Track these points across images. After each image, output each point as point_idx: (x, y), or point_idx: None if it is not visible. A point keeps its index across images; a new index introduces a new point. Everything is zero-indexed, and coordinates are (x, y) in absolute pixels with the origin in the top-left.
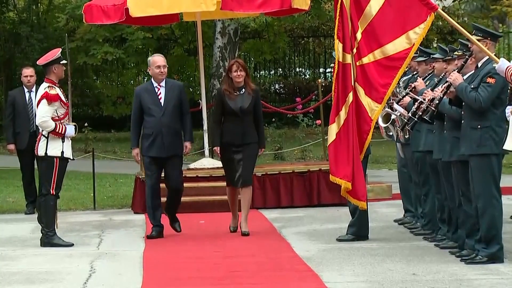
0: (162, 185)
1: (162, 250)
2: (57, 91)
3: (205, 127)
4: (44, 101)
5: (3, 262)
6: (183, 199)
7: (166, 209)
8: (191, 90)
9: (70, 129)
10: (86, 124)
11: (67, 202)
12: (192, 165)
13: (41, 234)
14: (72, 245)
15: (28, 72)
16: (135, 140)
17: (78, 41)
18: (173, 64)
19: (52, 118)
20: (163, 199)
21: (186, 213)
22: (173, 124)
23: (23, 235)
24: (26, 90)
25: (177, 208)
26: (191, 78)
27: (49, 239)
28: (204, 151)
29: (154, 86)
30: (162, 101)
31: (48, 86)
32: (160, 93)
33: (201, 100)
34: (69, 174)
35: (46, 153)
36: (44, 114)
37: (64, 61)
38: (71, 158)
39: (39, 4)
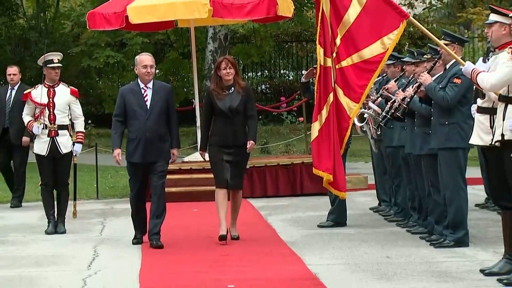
0: None
1: None
2: (35, 91)
3: (198, 123)
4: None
5: (13, 247)
6: (178, 189)
7: (149, 223)
8: (185, 90)
9: (35, 129)
10: (89, 121)
11: (72, 192)
12: (186, 159)
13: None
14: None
15: (11, 70)
16: (117, 140)
17: (82, 45)
18: (169, 66)
19: (35, 116)
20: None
21: (181, 202)
22: (158, 129)
23: (31, 222)
24: (9, 87)
25: (159, 221)
26: (185, 79)
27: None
28: (197, 145)
29: (141, 87)
30: (148, 103)
31: (34, 86)
32: (146, 95)
33: (194, 100)
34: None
35: None
36: (23, 111)
37: (52, 65)
38: (41, 154)
39: (46, 12)
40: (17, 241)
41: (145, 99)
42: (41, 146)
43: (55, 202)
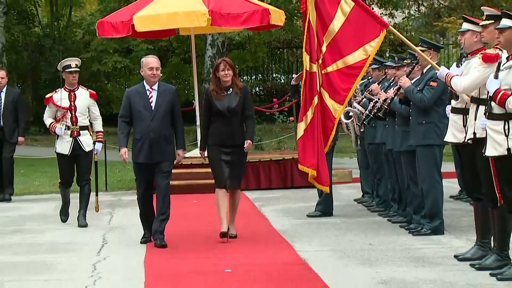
0: None
1: None
2: (57, 95)
3: (198, 122)
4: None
5: (30, 234)
6: (179, 182)
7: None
8: (186, 92)
9: (58, 130)
10: None
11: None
12: (187, 154)
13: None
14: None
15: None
16: (123, 140)
17: (92, 51)
18: (171, 70)
19: (56, 119)
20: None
21: (182, 194)
22: (162, 130)
23: (47, 212)
24: None
25: (163, 220)
26: (186, 82)
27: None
28: (197, 142)
29: (146, 89)
30: (153, 105)
31: (55, 90)
32: (151, 96)
33: (194, 101)
34: None
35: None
36: (45, 113)
37: (70, 69)
38: (64, 153)
39: (60, 21)
40: (33, 230)
41: (150, 100)
42: (63, 146)
43: (79, 196)
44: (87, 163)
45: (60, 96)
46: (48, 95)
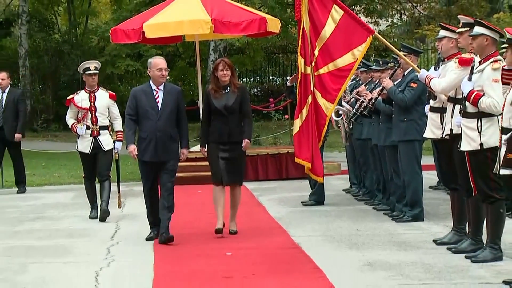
0: None
1: None
2: (77, 97)
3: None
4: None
5: (50, 221)
6: (185, 174)
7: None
8: (191, 92)
9: (79, 130)
10: None
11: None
12: (192, 149)
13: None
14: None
15: (1, 76)
16: (131, 137)
17: (106, 56)
18: (178, 73)
19: (78, 119)
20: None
21: (187, 185)
22: (168, 129)
23: (65, 201)
24: (0, 91)
25: (167, 218)
26: (191, 84)
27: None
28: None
29: (153, 88)
30: (159, 104)
31: (76, 92)
32: (158, 96)
33: (198, 100)
34: None
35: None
36: (67, 114)
37: (89, 72)
38: (85, 151)
39: (77, 28)
40: (53, 217)
41: (157, 100)
42: (84, 145)
43: (97, 191)
44: (106, 161)
45: (80, 98)
46: (69, 97)
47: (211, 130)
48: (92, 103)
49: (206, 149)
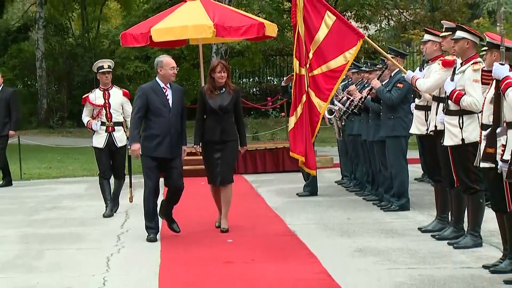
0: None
1: None
2: (92, 95)
3: None
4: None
5: (64, 210)
6: (189, 167)
7: (163, 211)
8: (195, 92)
9: (94, 125)
10: None
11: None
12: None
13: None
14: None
15: None
16: (137, 137)
17: (117, 58)
18: (182, 74)
19: (93, 116)
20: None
21: (190, 177)
22: (178, 126)
23: (79, 192)
24: None
25: (172, 208)
26: (195, 84)
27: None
28: None
29: (161, 86)
30: (170, 102)
31: (91, 91)
32: (167, 94)
33: None
34: None
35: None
36: (83, 113)
37: (102, 70)
38: (99, 146)
39: (90, 33)
40: (68, 207)
41: (167, 98)
42: (99, 140)
43: (111, 189)
44: (121, 159)
45: (95, 96)
46: (84, 96)
47: (205, 129)
48: (106, 100)
49: (200, 147)
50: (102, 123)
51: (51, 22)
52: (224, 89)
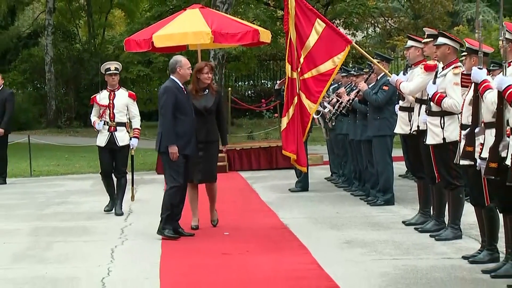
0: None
1: None
2: (99, 96)
3: None
4: None
5: (72, 205)
6: None
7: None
8: None
9: (97, 125)
10: None
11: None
12: None
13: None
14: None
15: None
16: (174, 136)
17: (121, 62)
18: None
19: (99, 117)
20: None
21: None
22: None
23: (86, 188)
24: None
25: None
26: None
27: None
28: None
29: (181, 86)
30: (189, 101)
31: (100, 91)
32: (186, 93)
33: None
34: None
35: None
36: (91, 113)
37: (109, 72)
38: (101, 145)
39: (95, 39)
40: (75, 202)
41: (188, 97)
42: (101, 139)
43: (115, 187)
44: (122, 158)
45: (101, 96)
46: (93, 96)
47: None
48: (111, 101)
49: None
50: (105, 123)
51: (59, 29)
52: (207, 90)
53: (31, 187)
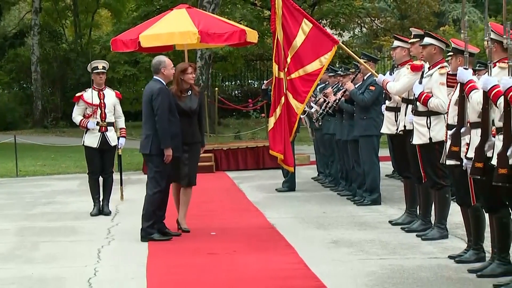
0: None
1: None
2: (87, 94)
3: None
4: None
5: (59, 205)
6: None
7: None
8: None
9: (90, 124)
10: None
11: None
12: None
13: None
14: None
15: None
16: (170, 139)
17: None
18: None
19: (84, 115)
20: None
21: None
22: None
23: (72, 188)
24: None
25: None
26: None
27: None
28: None
29: (166, 87)
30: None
31: (85, 89)
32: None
33: None
34: None
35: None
36: (73, 112)
37: (97, 71)
38: (93, 146)
39: (82, 39)
40: (62, 202)
41: (173, 98)
42: (92, 140)
43: (101, 188)
44: (111, 157)
45: (90, 95)
46: (78, 94)
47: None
48: (102, 100)
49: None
50: (96, 123)
51: (46, 28)
52: (190, 91)
53: (18, 187)
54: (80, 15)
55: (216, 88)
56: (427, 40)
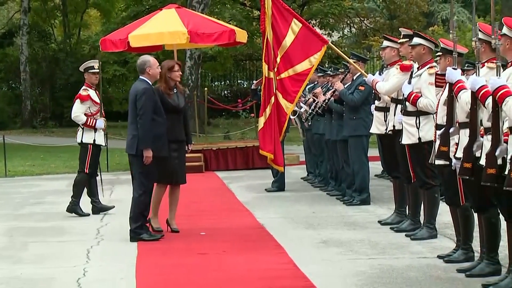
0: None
1: None
2: (89, 92)
3: None
4: (78, 100)
5: (49, 205)
6: None
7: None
8: None
9: (99, 123)
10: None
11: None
12: None
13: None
14: (88, 215)
15: None
16: (151, 139)
17: None
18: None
19: (86, 114)
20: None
21: None
22: None
23: (62, 188)
24: None
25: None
26: None
27: (73, 206)
28: None
29: (152, 86)
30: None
31: (83, 89)
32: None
33: None
34: None
35: (82, 140)
36: (76, 111)
37: (93, 70)
38: (103, 144)
39: (71, 39)
40: (51, 202)
41: (158, 98)
42: (101, 139)
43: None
44: (80, 154)
45: (94, 94)
46: (84, 93)
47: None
48: (100, 100)
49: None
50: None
51: (35, 28)
52: (175, 89)
53: (7, 188)
54: (69, 15)
55: (206, 88)
56: (416, 40)
